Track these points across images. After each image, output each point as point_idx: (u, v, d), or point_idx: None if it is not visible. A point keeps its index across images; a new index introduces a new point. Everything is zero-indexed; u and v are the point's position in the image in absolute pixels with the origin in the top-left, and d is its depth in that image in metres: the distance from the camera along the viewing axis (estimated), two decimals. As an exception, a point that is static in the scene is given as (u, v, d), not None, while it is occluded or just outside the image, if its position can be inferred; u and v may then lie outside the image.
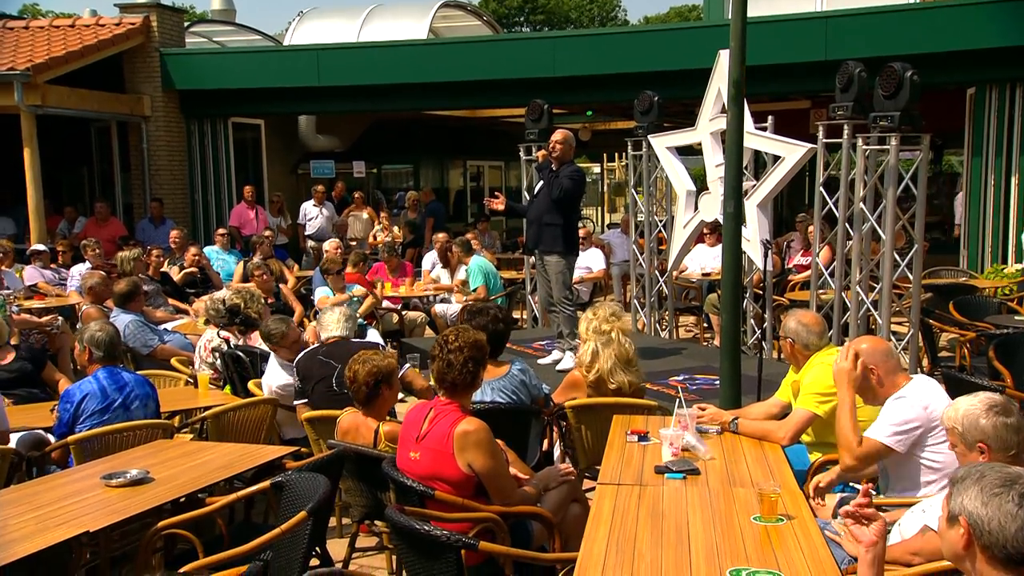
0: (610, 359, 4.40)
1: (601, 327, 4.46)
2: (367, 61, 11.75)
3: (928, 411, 3.22)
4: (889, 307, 5.61)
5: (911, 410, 3.25)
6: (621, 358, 4.40)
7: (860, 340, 3.58)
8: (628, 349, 4.42)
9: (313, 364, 4.68)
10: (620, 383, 4.41)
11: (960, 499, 1.97)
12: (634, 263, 9.01)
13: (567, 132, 6.68)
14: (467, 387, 3.28)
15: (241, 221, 12.23)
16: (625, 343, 4.43)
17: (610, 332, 4.44)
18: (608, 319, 4.48)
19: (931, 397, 3.27)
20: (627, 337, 4.49)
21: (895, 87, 5.35)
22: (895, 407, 3.29)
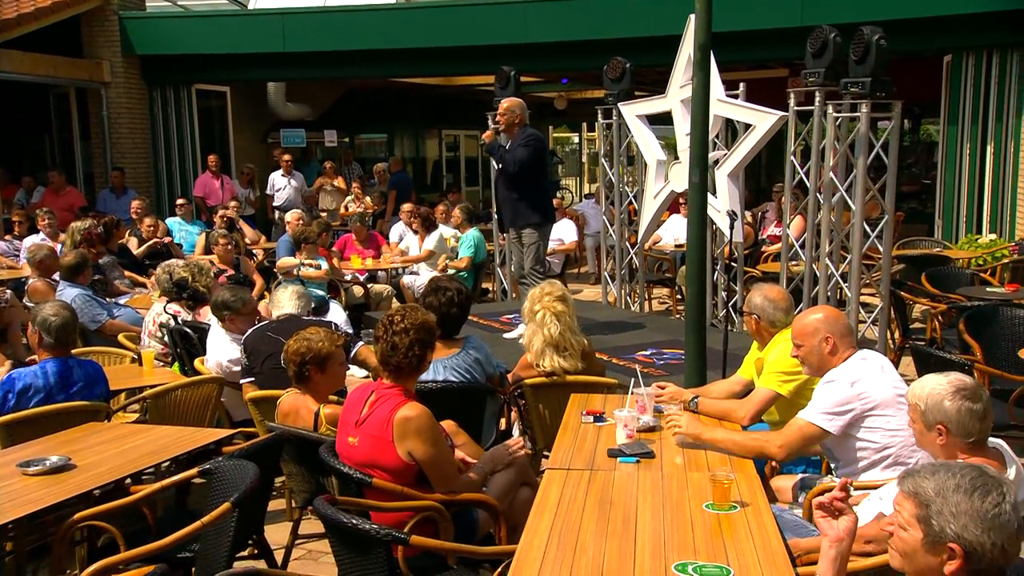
0: (539, 341, 4.22)
1: (533, 308, 4.28)
2: (334, 26, 11.41)
3: (856, 388, 3.11)
4: (859, 279, 5.48)
5: (840, 392, 3.13)
6: (549, 342, 4.22)
7: (815, 310, 3.43)
8: (553, 332, 4.22)
9: (262, 340, 4.48)
10: (553, 367, 4.22)
11: (946, 522, 1.81)
12: (605, 235, 8.84)
13: (513, 100, 6.47)
14: (412, 371, 3.10)
15: (206, 191, 11.93)
16: (552, 325, 4.23)
17: (538, 314, 4.25)
18: (540, 299, 4.29)
19: (861, 374, 3.15)
20: (560, 320, 4.26)
21: (865, 51, 5.16)
22: (824, 391, 3.18)
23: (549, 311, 4.29)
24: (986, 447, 2.50)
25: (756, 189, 17.83)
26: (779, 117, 6.34)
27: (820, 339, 3.27)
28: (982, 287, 6.94)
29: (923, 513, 1.83)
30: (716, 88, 6.93)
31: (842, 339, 3.27)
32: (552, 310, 4.30)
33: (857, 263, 5.46)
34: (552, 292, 4.39)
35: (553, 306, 4.31)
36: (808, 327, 3.32)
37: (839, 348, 3.26)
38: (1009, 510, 1.79)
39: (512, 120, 6.44)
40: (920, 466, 1.93)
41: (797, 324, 3.40)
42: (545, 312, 4.28)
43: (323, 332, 3.63)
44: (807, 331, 3.32)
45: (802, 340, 3.34)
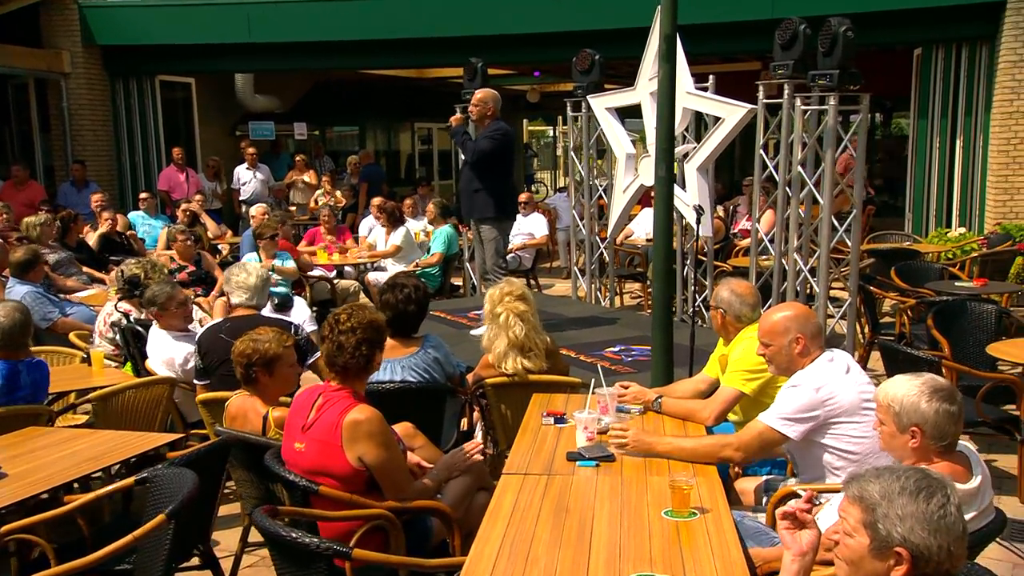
0: (503, 344, 4.11)
1: (494, 310, 4.16)
2: (299, 16, 11.20)
3: (821, 394, 3.01)
4: (827, 274, 5.41)
5: (803, 397, 3.03)
6: (514, 344, 4.10)
7: (784, 307, 3.34)
8: (518, 334, 4.10)
9: (215, 342, 4.33)
10: (515, 370, 4.10)
11: (892, 525, 1.73)
12: (574, 229, 8.74)
13: (487, 91, 6.34)
14: (360, 372, 2.97)
15: (171, 185, 11.69)
16: (516, 327, 4.11)
17: (500, 316, 4.13)
18: (501, 300, 4.17)
19: (827, 378, 3.05)
20: (524, 320, 4.15)
21: (832, 43, 5.08)
22: (787, 395, 3.08)
23: (511, 312, 4.16)
24: (955, 451, 2.42)
25: (729, 182, 17.82)
26: (748, 110, 6.26)
27: (790, 339, 3.17)
28: (951, 281, 6.92)
29: (869, 518, 1.77)
30: (684, 81, 6.84)
31: (813, 340, 3.18)
32: (514, 311, 4.18)
33: (825, 258, 5.39)
34: (512, 292, 4.27)
35: (515, 306, 4.19)
36: (778, 326, 3.22)
37: (810, 349, 3.16)
38: (954, 511, 1.73)
39: (484, 112, 6.30)
40: (864, 471, 1.86)
41: (765, 322, 3.30)
42: (508, 314, 4.16)
43: (272, 332, 3.49)
44: (776, 330, 3.21)
45: (770, 339, 3.24)
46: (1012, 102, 9.16)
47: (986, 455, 5.16)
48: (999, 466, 4.99)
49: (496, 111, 6.36)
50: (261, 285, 4.62)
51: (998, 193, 9.36)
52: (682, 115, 6.94)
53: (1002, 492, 4.63)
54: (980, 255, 8.24)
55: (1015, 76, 9.12)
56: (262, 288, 4.61)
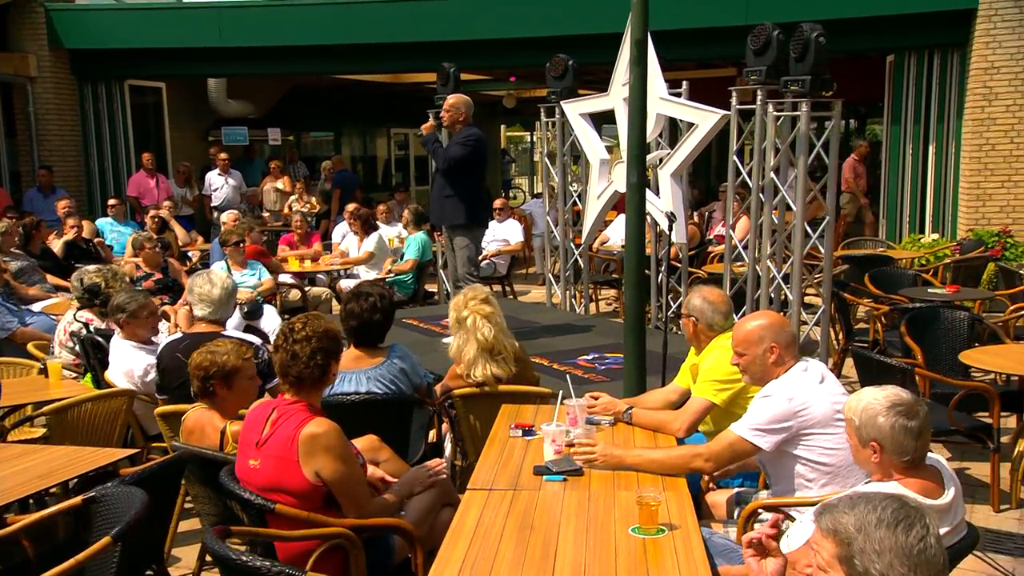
0: (472, 349, 4.02)
1: (460, 315, 4.08)
2: (271, 21, 11.07)
3: (794, 404, 2.95)
4: (800, 281, 5.37)
5: (776, 407, 2.97)
6: (484, 346, 4.02)
7: (759, 316, 3.28)
8: (488, 335, 4.02)
9: (172, 360, 4.17)
10: (485, 377, 4.03)
11: (870, 561, 1.65)
12: (548, 235, 8.68)
13: (459, 96, 6.27)
14: (316, 383, 2.88)
15: (140, 191, 11.51)
16: (484, 328, 4.03)
17: (467, 319, 4.06)
18: (466, 305, 4.10)
19: (800, 389, 2.99)
20: (492, 323, 4.08)
21: (804, 48, 5.06)
22: (760, 406, 3.01)
23: (478, 315, 4.09)
24: (924, 466, 2.36)
25: (706, 188, 17.86)
26: (721, 116, 6.23)
27: (765, 348, 3.11)
28: (924, 288, 6.92)
29: (845, 553, 1.68)
30: (658, 86, 6.81)
31: (787, 349, 3.11)
32: (481, 313, 4.10)
33: (798, 264, 5.35)
34: (476, 296, 4.20)
35: (481, 309, 4.12)
36: (752, 335, 3.16)
37: (784, 358, 3.10)
38: (934, 543, 1.65)
39: (456, 117, 6.23)
40: (837, 499, 1.78)
41: (739, 330, 3.24)
42: (474, 316, 4.09)
43: (230, 344, 3.39)
44: (751, 339, 3.15)
45: (744, 348, 3.18)
46: (983, 108, 9.21)
47: (959, 463, 5.14)
48: (972, 474, 4.97)
49: (468, 116, 6.29)
50: (226, 298, 4.46)
51: (970, 199, 9.40)
52: (655, 121, 6.91)
53: (976, 501, 4.61)
54: (953, 261, 8.26)
55: (986, 83, 9.18)
56: (227, 301, 4.47)
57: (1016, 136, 9.19)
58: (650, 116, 7.04)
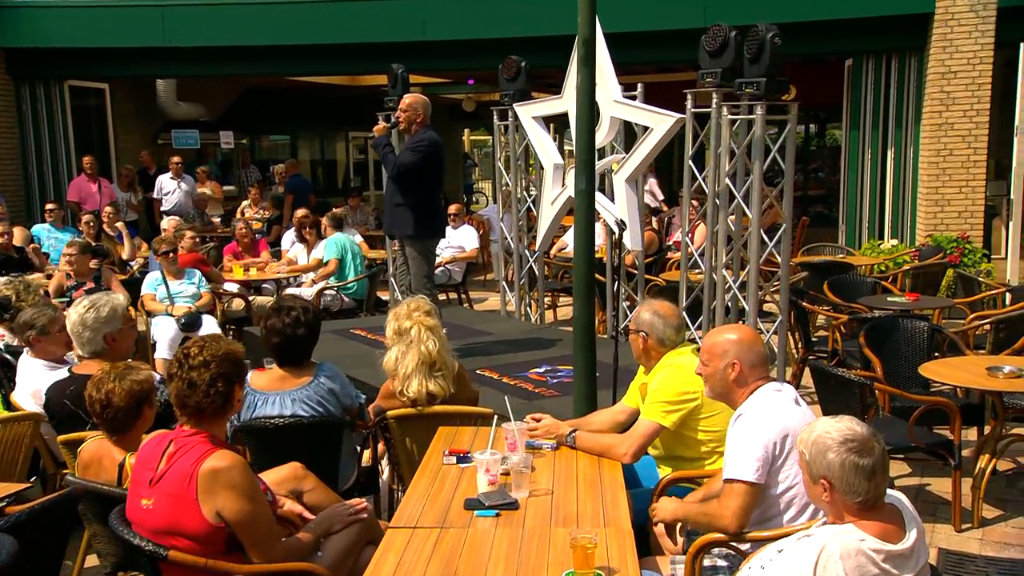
0: (411, 362, 3.76)
1: (402, 325, 3.82)
2: (218, 20, 10.69)
3: (775, 425, 2.71)
4: (757, 291, 5.18)
5: (761, 432, 2.70)
6: (425, 360, 3.76)
7: (731, 329, 3.03)
8: (432, 348, 3.77)
9: (60, 407, 3.72)
10: (418, 395, 3.75)
11: None
12: (502, 242, 8.43)
13: (416, 96, 5.95)
14: (218, 412, 2.59)
15: (81, 195, 11.05)
16: (428, 341, 3.78)
17: (411, 329, 3.80)
18: (409, 316, 3.84)
19: (774, 410, 2.75)
20: (436, 336, 3.83)
21: (758, 49, 4.87)
22: (744, 435, 2.73)
23: (422, 326, 3.83)
24: (881, 507, 2.13)
25: (667, 193, 17.75)
26: (676, 119, 6.04)
27: (726, 364, 2.87)
28: (883, 296, 6.77)
29: None
30: (612, 89, 6.61)
31: (752, 368, 2.87)
32: (425, 324, 3.84)
33: (755, 273, 5.15)
34: (420, 307, 3.93)
35: (425, 320, 3.86)
36: (717, 347, 2.92)
37: (747, 378, 2.86)
38: None
39: (413, 119, 5.88)
40: None
41: (709, 339, 3.01)
42: (418, 327, 3.82)
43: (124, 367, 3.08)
44: (716, 351, 2.92)
45: (708, 359, 2.95)
46: (941, 114, 9.15)
47: (919, 478, 4.97)
48: (933, 490, 4.80)
49: (426, 118, 5.96)
50: (83, 332, 3.85)
51: (929, 205, 9.33)
52: (610, 125, 6.71)
53: (937, 519, 4.43)
54: (912, 268, 8.16)
55: (943, 88, 9.12)
56: (88, 336, 3.86)
57: (974, 141, 9.14)
58: (604, 120, 6.85)
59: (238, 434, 3.59)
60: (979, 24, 8.91)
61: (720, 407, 3.18)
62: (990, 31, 8.90)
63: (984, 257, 9.05)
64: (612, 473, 3.17)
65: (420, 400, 3.74)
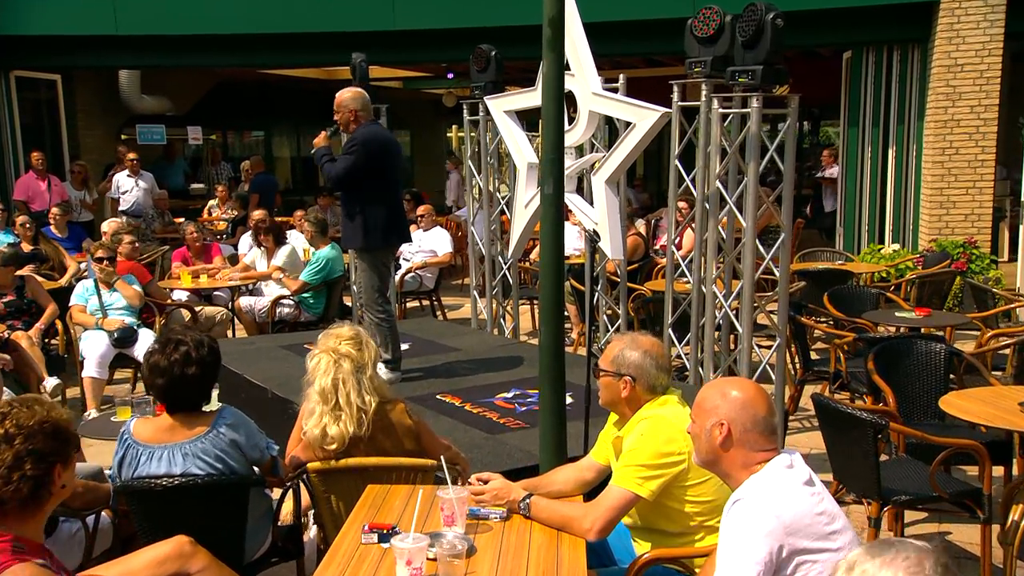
0: (330, 398, 3.10)
1: (312, 352, 3.19)
2: (173, 7, 9.97)
3: (782, 519, 2.05)
4: (751, 312, 4.53)
5: (761, 525, 2.04)
6: (322, 396, 3.11)
7: (732, 384, 2.35)
8: (325, 385, 3.12)
9: None
10: (312, 439, 3.08)
11: None
12: (473, 247, 7.78)
13: (348, 91, 5.28)
14: (25, 506, 1.93)
15: (29, 194, 10.31)
16: (336, 371, 3.11)
17: (320, 360, 3.15)
18: (324, 346, 3.19)
19: (784, 498, 2.10)
20: (356, 366, 3.15)
21: (756, 32, 4.22)
22: (741, 530, 2.06)
23: (333, 354, 3.15)
24: None
25: (657, 193, 17.12)
26: (662, 114, 5.36)
27: (713, 423, 2.21)
28: (889, 310, 6.15)
29: None
30: (591, 81, 5.94)
31: (746, 434, 2.18)
32: (338, 351, 3.16)
33: (749, 288, 4.50)
34: (342, 335, 3.25)
35: (339, 347, 3.18)
36: (706, 400, 2.27)
37: (737, 443, 2.20)
38: None
39: (347, 119, 5.21)
40: None
41: (702, 392, 2.34)
42: (327, 355, 3.15)
43: None
44: (703, 406, 2.26)
45: (696, 414, 2.29)
46: (947, 109, 8.53)
47: (936, 525, 4.35)
48: (956, 540, 4.18)
49: (366, 114, 5.31)
50: None
51: (933, 207, 8.72)
52: (588, 120, 6.04)
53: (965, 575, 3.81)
54: (917, 276, 7.53)
55: (949, 82, 8.51)
56: None
57: (981, 139, 8.53)
58: (582, 115, 6.18)
59: (120, 498, 2.93)
60: (988, 13, 8.30)
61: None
62: (1000, 21, 8.29)
63: (992, 263, 8.46)
64: (574, 553, 2.54)
65: (337, 440, 3.08)
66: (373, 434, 3.16)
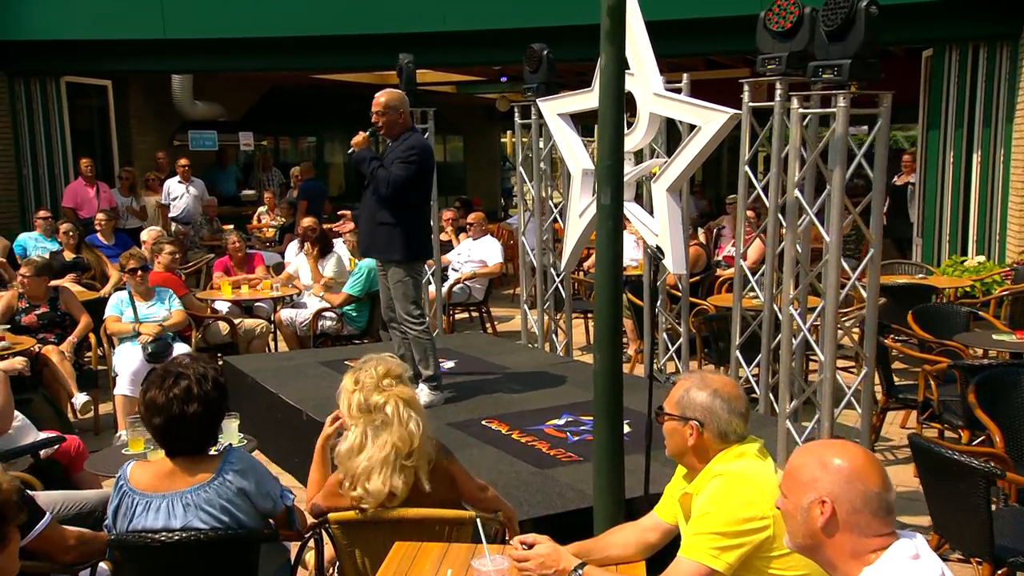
0: (384, 448, 2.70)
1: (371, 399, 2.76)
2: (221, 11, 9.78)
3: None
4: (835, 335, 4.00)
5: None
6: (401, 449, 2.71)
7: (833, 448, 1.87)
8: (414, 433, 2.72)
9: None
10: (376, 494, 2.67)
11: None
12: (523, 257, 7.36)
13: (391, 93, 4.98)
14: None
15: (78, 201, 10.22)
16: (410, 423, 2.73)
17: (384, 405, 2.75)
18: (380, 384, 2.78)
19: None
20: (416, 412, 2.78)
21: (845, 21, 3.70)
22: None
23: (399, 400, 2.76)
24: None
25: (715, 199, 16.48)
26: (730, 116, 4.89)
27: (811, 500, 1.74)
28: (984, 332, 5.56)
29: None
30: (652, 81, 5.49)
31: (854, 515, 1.70)
32: (402, 397, 2.78)
33: (832, 313, 3.96)
34: (389, 370, 2.84)
35: (402, 392, 2.79)
36: (802, 471, 1.81)
37: (844, 530, 1.71)
38: None
39: (394, 120, 4.94)
40: None
41: (799, 457, 1.87)
42: (395, 403, 2.75)
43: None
44: (799, 477, 1.81)
45: (788, 488, 1.81)
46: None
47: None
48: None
49: (408, 118, 5.03)
50: None
51: (1022, 216, 8.02)
52: (649, 123, 5.59)
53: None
54: (1009, 293, 6.88)
55: (1042, 81, 7.82)
56: None
57: (1078, 142, 7.82)
58: (641, 117, 5.73)
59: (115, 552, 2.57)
60: (1087, 6, 7.60)
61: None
62: (1100, 13, 7.59)
63: (1089, 278, 7.73)
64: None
65: (376, 501, 2.68)
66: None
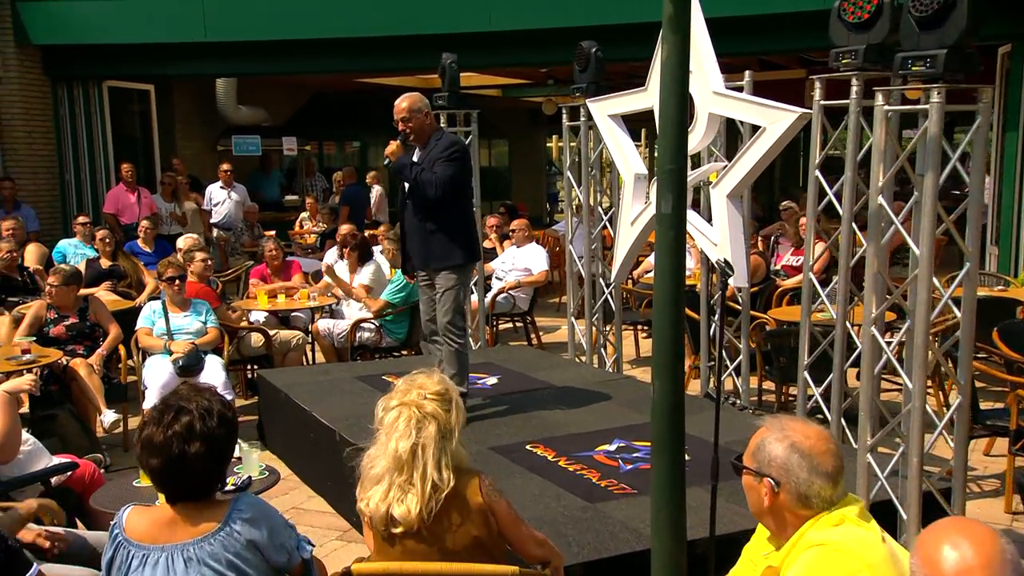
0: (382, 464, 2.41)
1: (388, 405, 2.49)
2: (262, 12, 9.59)
3: None
4: (925, 359, 3.54)
5: None
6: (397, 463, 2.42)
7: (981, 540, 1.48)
8: (402, 449, 2.44)
9: None
10: (373, 512, 2.45)
11: None
12: (570, 266, 6.99)
13: (413, 96, 4.79)
14: None
15: (119, 206, 10.11)
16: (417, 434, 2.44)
17: (426, 420, 2.45)
18: (408, 391, 2.49)
19: None
20: (428, 427, 2.47)
21: (943, 7, 3.26)
22: None
23: (415, 410, 2.47)
24: None
25: (768, 204, 15.86)
26: (799, 116, 4.49)
27: None
28: (1083, 352, 5.05)
29: None
30: (712, 78, 5.10)
31: None
32: (422, 409, 2.48)
33: (923, 338, 3.49)
34: (426, 386, 2.55)
35: (424, 405, 2.49)
36: (948, 570, 1.48)
37: None
38: None
39: (421, 123, 4.75)
40: None
41: (924, 540, 1.50)
42: (410, 412, 2.46)
43: None
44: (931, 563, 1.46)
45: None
46: None
47: None
48: None
49: (433, 119, 4.88)
50: None
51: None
52: (708, 124, 5.19)
53: None
54: (1101, 307, 6.32)
55: None
56: None
57: None
58: (700, 118, 5.32)
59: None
60: None
61: None
62: None
63: None
64: None
65: (377, 523, 2.39)
66: (437, 515, 2.44)
